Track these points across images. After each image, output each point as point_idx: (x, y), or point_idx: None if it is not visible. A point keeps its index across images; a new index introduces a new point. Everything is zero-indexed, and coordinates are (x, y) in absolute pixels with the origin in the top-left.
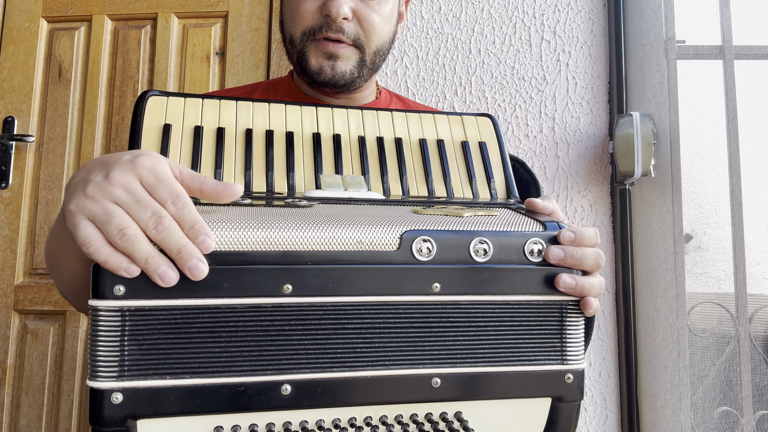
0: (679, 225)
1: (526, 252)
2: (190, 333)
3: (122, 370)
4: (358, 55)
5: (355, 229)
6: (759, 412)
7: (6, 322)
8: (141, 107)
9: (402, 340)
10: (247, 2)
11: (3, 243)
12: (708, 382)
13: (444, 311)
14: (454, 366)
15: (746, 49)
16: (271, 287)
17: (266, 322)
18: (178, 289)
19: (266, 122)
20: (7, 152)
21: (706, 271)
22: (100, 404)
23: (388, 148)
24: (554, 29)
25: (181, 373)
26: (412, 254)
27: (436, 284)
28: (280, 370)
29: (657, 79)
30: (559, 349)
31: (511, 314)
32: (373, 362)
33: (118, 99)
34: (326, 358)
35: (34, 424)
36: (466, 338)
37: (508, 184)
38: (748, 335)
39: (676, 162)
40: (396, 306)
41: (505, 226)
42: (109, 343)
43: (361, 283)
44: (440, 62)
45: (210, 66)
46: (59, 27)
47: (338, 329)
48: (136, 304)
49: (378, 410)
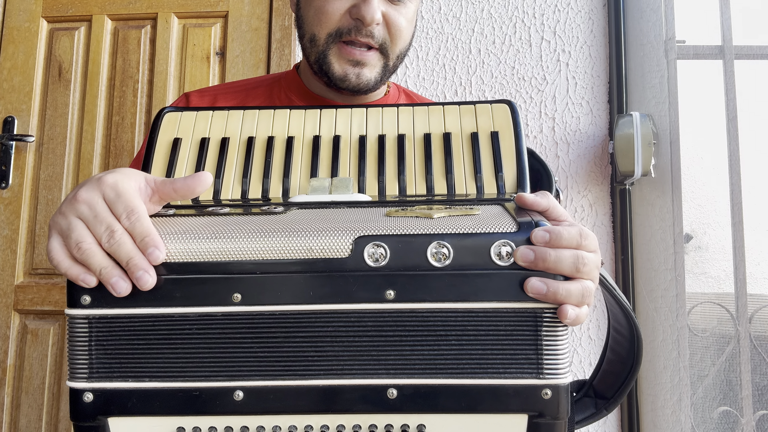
0: (679, 225)
1: (493, 255)
2: (148, 339)
3: (91, 371)
4: (383, 60)
5: (307, 237)
6: (759, 412)
7: (6, 322)
8: (157, 123)
9: (355, 349)
10: (247, 2)
11: (3, 243)
12: (708, 382)
13: (399, 320)
14: (411, 377)
15: (746, 49)
16: (221, 297)
17: (217, 330)
18: (136, 299)
19: (269, 128)
20: (7, 152)
21: (706, 271)
22: (75, 402)
23: (389, 146)
24: (554, 29)
25: (141, 376)
26: (363, 260)
27: (389, 291)
28: (233, 377)
29: (657, 79)
30: (534, 362)
31: (475, 323)
32: (325, 371)
33: (118, 99)
34: (277, 366)
35: (34, 424)
36: (424, 348)
37: (520, 176)
38: (748, 335)
39: (676, 162)
40: (347, 314)
41: (474, 228)
42: (80, 348)
43: (310, 291)
44: (440, 62)
45: (210, 66)
46: (59, 27)
47: (288, 337)
48: (99, 312)
49: (335, 419)
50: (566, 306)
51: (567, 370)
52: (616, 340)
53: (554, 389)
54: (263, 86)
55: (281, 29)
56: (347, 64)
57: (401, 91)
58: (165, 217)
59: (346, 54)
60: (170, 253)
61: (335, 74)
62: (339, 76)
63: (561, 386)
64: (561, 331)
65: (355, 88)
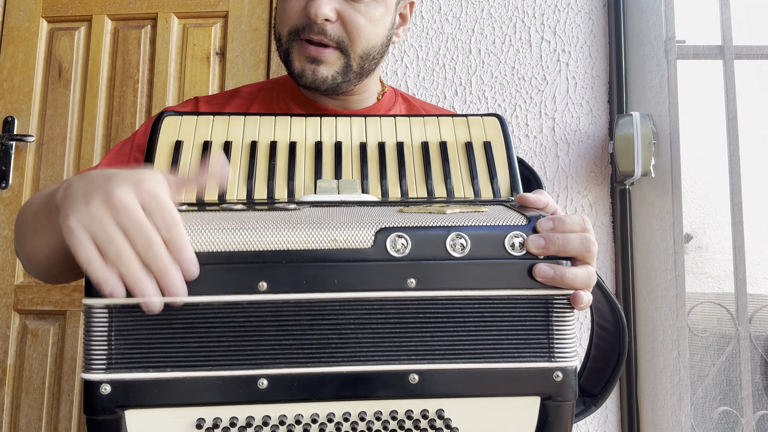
0: (679, 225)
1: (507, 245)
2: (171, 329)
3: (110, 362)
4: (342, 60)
5: (330, 229)
6: (759, 412)
7: (6, 322)
8: (157, 126)
9: (378, 336)
10: (247, 2)
11: (3, 243)
12: (708, 382)
13: (420, 307)
14: (432, 362)
15: (746, 49)
16: (247, 285)
17: (242, 318)
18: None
19: (271, 134)
20: (7, 152)
21: (706, 271)
22: (91, 394)
23: (389, 153)
24: (554, 29)
25: (163, 366)
26: (386, 250)
27: (411, 280)
28: (257, 365)
29: (657, 79)
30: (546, 346)
31: (492, 309)
32: (349, 358)
33: (118, 99)
34: (301, 354)
35: (34, 424)
36: (444, 334)
37: (513, 182)
38: (748, 335)
39: (676, 162)
40: (370, 302)
41: (486, 221)
42: (98, 338)
43: (334, 279)
44: (440, 62)
45: (210, 66)
46: (59, 27)
47: (313, 325)
48: (121, 302)
49: (356, 406)
50: (580, 292)
51: (575, 354)
52: (600, 336)
53: (564, 371)
54: (264, 90)
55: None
56: (305, 61)
57: (398, 95)
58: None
59: (304, 50)
60: (195, 242)
61: (294, 71)
62: (297, 72)
63: (570, 368)
64: (569, 317)
65: (312, 84)
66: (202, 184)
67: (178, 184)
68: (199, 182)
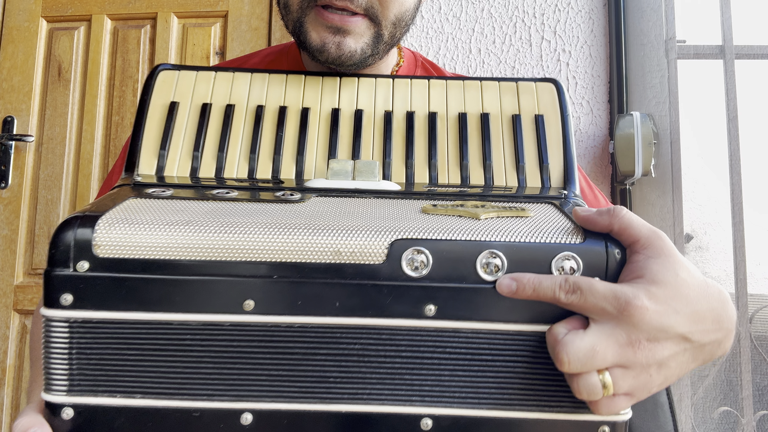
0: (680, 225)
1: (554, 270)
2: (141, 349)
3: (72, 384)
4: (372, 29)
5: (334, 237)
6: (759, 412)
7: (6, 322)
8: (150, 83)
9: (386, 371)
10: (247, 2)
11: (3, 243)
12: (708, 382)
13: (440, 340)
14: (450, 406)
15: (746, 49)
16: (230, 303)
17: (224, 342)
18: (128, 301)
19: (281, 97)
20: (7, 152)
21: (707, 271)
22: (52, 419)
23: (419, 125)
24: (554, 29)
25: (131, 392)
26: (401, 268)
27: (430, 306)
28: (241, 397)
29: (657, 79)
30: None
31: (527, 347)
32: (350, 395)
33: (117, 99)
34: (293, 387)
35: None
36: (467, 374)
37: (567, 170)
38: (748, 335)
39: (677, 162)
40: (379, 330)
41: (530, 235)
42: (59, 356)
43: (336, 301)
44: (440, 62)
45: None
46: (59, 27)
47: (308, 354)
48: (82, 315)
49: None
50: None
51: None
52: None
53: (613, 426)
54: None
55: (281, 29)
56: (326, 32)
57: (419, 60)
58: (162, 199)
59: (323, 19)
60: (170, 247)
61: (312, 44)
62: (316, 46)
63: (620, 423)
64: None
65: (335, 61)
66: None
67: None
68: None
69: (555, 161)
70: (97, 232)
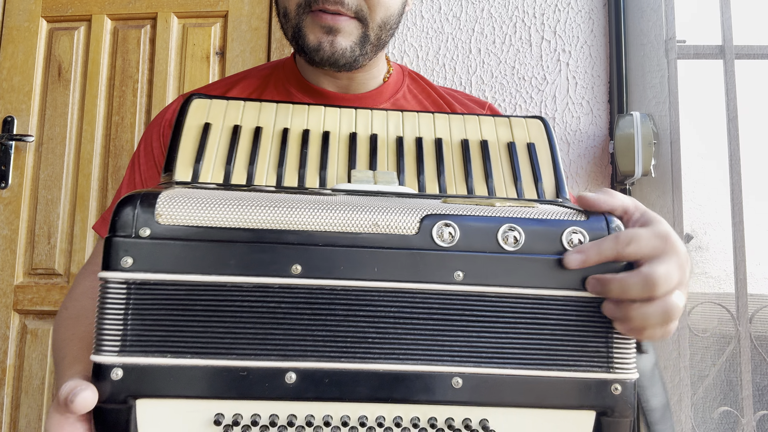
0: (680, 225)
1: (565, 242)
2: (194, 311)
3: (124, 345)
4: (360, 29)
5: (372, 213)
6: (759, 413)
7: (6, 322)
8: (185, 108)
9: (419, 332)
10: (247, 2)
11: (3, 243)
12: (708, 382)
13: (468, 303)
14: (478, 365)
15: (746, 49)
16: (279, 267)
17: (273, 303)
18: (184, 265)
19: (304, 122)
20: (7, 152)
21: (707, 271)
22: (100, 380)
23: (427, 148)
24: (554, 29)
25: (182, 352)
26: (432, 239)
27: (458, 272)
28: (286, 357)
29: (657, 79)
30: (605, 355)
31: (546, 310)
32: (386, 355)
33: (117, 99)
34: (335, 347)
35: (33, 424)
36: (492, 335)
37: (558, 185)
38: (748, 335)
39: (677, 162)
40: (413, 294)
41: (540, 216)
42: (113, 317)
43: (375, 267)
44: (440, 62)
45: (210, 66)
46: (59, 27)
47: (349, 316)
48: (141, 277)
49: (391, 410)
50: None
51: (635, 367)
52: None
53: (624, 385)
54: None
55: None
56: (321, 32)
57: (406, 74)
58: (208, 189)
59: (318, 21)
60: (226, 218)
61: (309, 45)
62: (313, 46)
63: (630, 382)
64: None
65: (330, 58)
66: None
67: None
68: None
69: (547, 178)
70: (159, 203)
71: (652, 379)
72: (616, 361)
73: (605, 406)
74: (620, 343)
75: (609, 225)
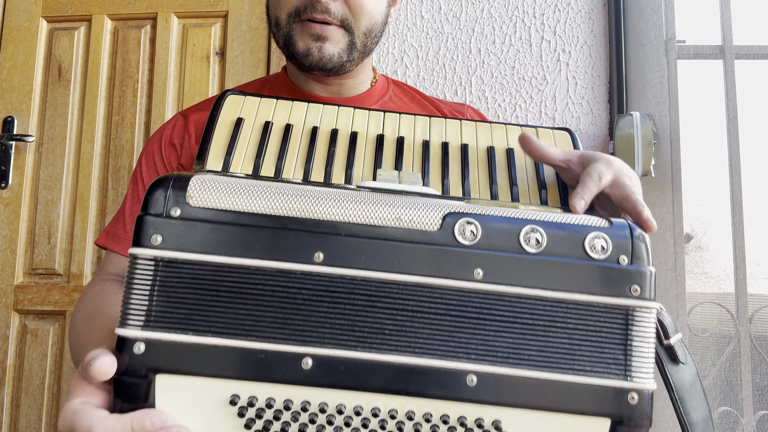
0: (679, 225)
1: (587, 246)
2: (218, 291)
3: (148, 320)
4: (347, 37)
5: (396, 208)
6: (759, 412)
7: (6, 322)
8: (220, 103)
9: (436, 327)
10: (247, 2)
11: (3, 243)
12: (708, 382)
13: (486, 301)
14: (494, 364)
15: (746, 49)
16: (303, 254)
17: (294, 288)
18: (212, 245)
19: (333, 122)
20: (7, 152)
21: (706, 271)
22: (123, 353)
23: (453, 153)
24: (554, 29)
25: (203, 330)
26: (453, 236)
27: (478, 270)
28: (303, 342)
29: (657, 79)
30: (622, 363)
31: (564, 314)
32: (403, 347)
33: (117, 99)
34: (352, 336)
35: (33, 424)
36: (510, 335)
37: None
38: (748, 335)
39: (676, 162)
40: (432, 289)
41: (564, 220)
42: (139, 292)
43: (395, 260)
44: (440, 62)
45: (210, 66)
46: (59, 27)
47: (367, 306)
48: (169, 255)
49: (405, 403)
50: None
51: (653, 376)
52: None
53: (641, 394)
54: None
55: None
56: (309, 39)
57: (390, 83)
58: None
59: (307, 29)
60: (254, 205)
61: (299, 51)
62: (302, 52)
63: (647, 392)
64: (650, 332)
65: (318, 63)
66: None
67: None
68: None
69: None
70: (191, 186)
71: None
72: (635, 369)
73: (621, 414)
74: (639, 351)
75: (633, 232)
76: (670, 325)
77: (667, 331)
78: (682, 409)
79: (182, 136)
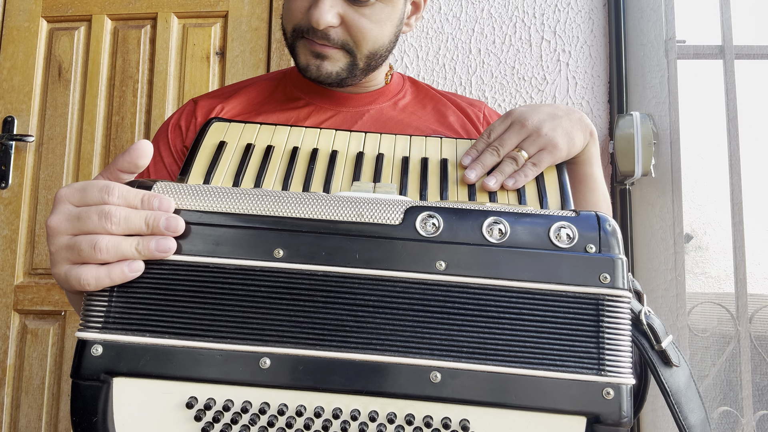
0: (679, 225)
1: (552, 236)
2: (177, 291)
3: (106, 322)
4: (347, 58)
5: (357, 204)
6: (759, 412)
7: (6, 322)
8: (205, 129)
9: (398, 322)
10: (247, 2)
11: (3, 243)
12: (708, 382)
13: (450, 294)
14: (458, 360)
15: (746, 49)
16: (262, 251)
17: (253, 286)
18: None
19: (314, 142)
20: (7, 152)
21: (706, 271)
22: (80, 356)
23: (432, 167)
24: (554, 29)
25: (161, 332)
26: (415, 229)
27: (440, 262)
28: (262, 341)
29: (657, 79)
30: (595, 356)
31: (531, 305)
32: (363, 344)
33: (117, 99)
34: (312, 334)
35: (34, 424)
36: (474, 329)
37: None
38: (748, 335)
39: (676, 162)
40: (393, 282)
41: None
42: (99, 294)
43: (356, 254)
44: (440, 62)
45: (210, 66)
46: (59, 27)
47: (328, 303)
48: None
49: (367, 403)
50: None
51: (630, 370)
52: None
53: (617, 389)
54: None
55: (281, 29)
56: (310, 56)
57: (406, 80)
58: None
59: (308, 46)
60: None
61: (300, 65)
62: (302, 66)
63: (624, 386)
64: (624, 323)
65: (317, 79)
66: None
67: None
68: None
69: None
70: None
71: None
72: (608, 362)
73: (595, 411)
74: (612, 343)
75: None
76: (660, 329)
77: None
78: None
79: (189, 120)
